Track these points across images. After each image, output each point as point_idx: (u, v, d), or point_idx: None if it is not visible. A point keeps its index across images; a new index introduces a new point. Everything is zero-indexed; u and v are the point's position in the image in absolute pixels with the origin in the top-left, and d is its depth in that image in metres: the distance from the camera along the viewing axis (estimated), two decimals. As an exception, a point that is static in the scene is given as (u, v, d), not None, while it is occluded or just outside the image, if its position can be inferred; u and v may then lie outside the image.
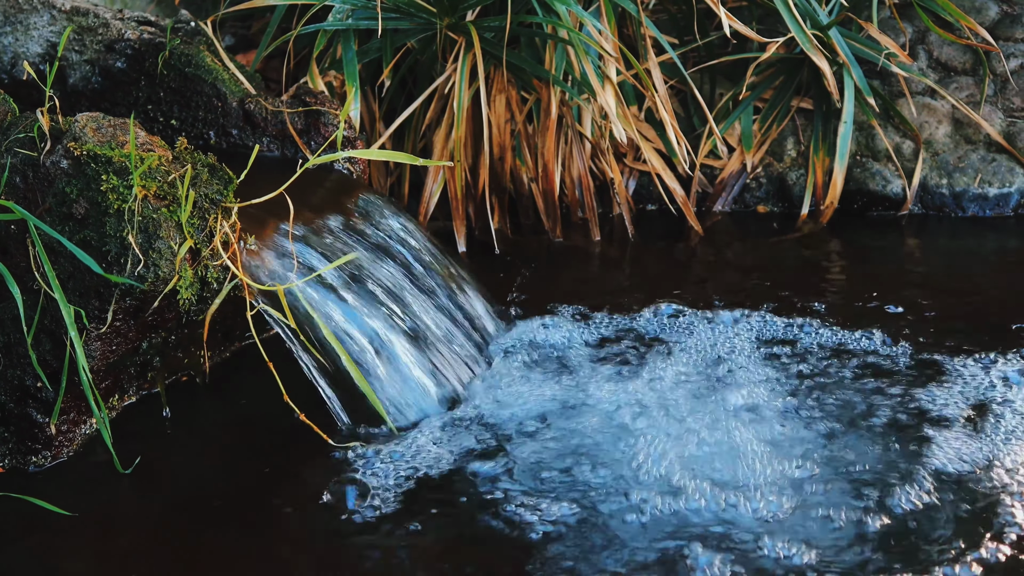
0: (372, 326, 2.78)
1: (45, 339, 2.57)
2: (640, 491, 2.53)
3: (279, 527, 2.52)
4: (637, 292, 3.34)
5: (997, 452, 2.63)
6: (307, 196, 2.92)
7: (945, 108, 3.80)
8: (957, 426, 2.72)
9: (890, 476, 2.56)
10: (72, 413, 2.67)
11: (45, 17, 3.19)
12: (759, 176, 3.82)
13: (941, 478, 2.56)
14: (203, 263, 2.60)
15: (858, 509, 2.47)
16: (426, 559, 2.43)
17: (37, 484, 2.61)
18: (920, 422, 2.74)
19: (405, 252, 2.99)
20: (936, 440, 2.67)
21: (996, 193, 3.72)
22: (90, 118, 2.60)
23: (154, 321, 2.63)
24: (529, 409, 2.81)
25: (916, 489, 2.52)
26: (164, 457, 2.72)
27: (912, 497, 2.50)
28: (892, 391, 2.86)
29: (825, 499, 2.50)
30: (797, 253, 3.59)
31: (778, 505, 2.49)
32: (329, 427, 2.72)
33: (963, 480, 2.56)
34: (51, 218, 2.54)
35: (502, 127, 3.54)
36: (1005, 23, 3.90)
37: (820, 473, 2.58)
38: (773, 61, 3.77)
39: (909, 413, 2.78)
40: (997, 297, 3.30)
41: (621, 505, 2.51)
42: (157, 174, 2.55)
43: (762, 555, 2.37)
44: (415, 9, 3.50)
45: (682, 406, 2.79)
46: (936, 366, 2.95)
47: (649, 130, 3.75)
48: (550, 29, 3.47)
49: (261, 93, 3.21)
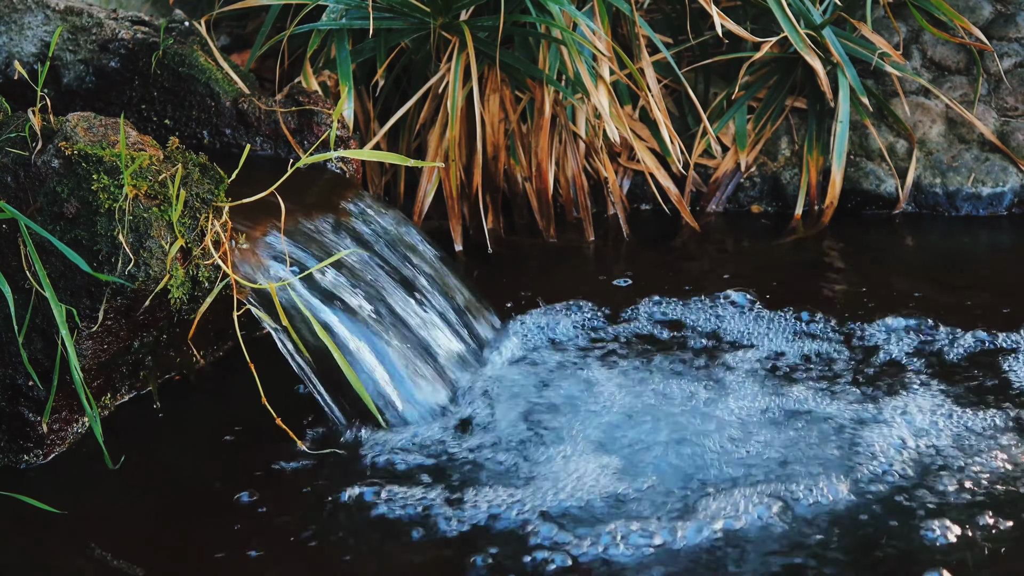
0: (364, 325, 2.79)
1: (37, 338, 2.57)
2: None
3: (270, 526, 2.52)
4: (631, 292, 3.34)
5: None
6: (300, 196, 2.93)
7: (939, 107, 3.80)
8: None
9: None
10: (64, 412, 2.68)
11: (39, 17, 3.20)
12: (753, 175, 3.82)
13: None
14: (194, 262, 2.61)
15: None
16: (416, 558, 2.43)
17: (28, 482, 2.62)
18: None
19: (398, 252, 2.99)
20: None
21: (989, 192, 3.73)
22: (81, 118, 2.61)
23: (145, 320, 2.64)
24: (520, 411, 2.82)
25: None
26: (156, 456, 2.73)
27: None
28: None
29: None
30: (793, 252, 3.60)
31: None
32: (324, 424, 2.73)
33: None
34: (42, 217, 2.54)
35: (496, 126, 3.55)
36: (999, 22, 3.90)
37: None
38: (767, 60, 3.78)
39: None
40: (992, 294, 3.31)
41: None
42: (148, 173, 2.56)
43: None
44: (409, 9, 3.51)
45: (676, 408, 2.80)
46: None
47: (643, 129, 3.75)
48: (543, 29, 3.48)
49: (255, 93, 3.22)
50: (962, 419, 2.75)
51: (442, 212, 3.58)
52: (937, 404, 2.80)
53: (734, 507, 2.47)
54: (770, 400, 2.83)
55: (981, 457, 2.63)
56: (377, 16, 3.50)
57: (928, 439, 2.69)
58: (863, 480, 2.56)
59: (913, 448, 2.65)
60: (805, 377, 2.93)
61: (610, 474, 2.59)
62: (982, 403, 2.82)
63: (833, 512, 2.47)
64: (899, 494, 2.52)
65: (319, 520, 2.51)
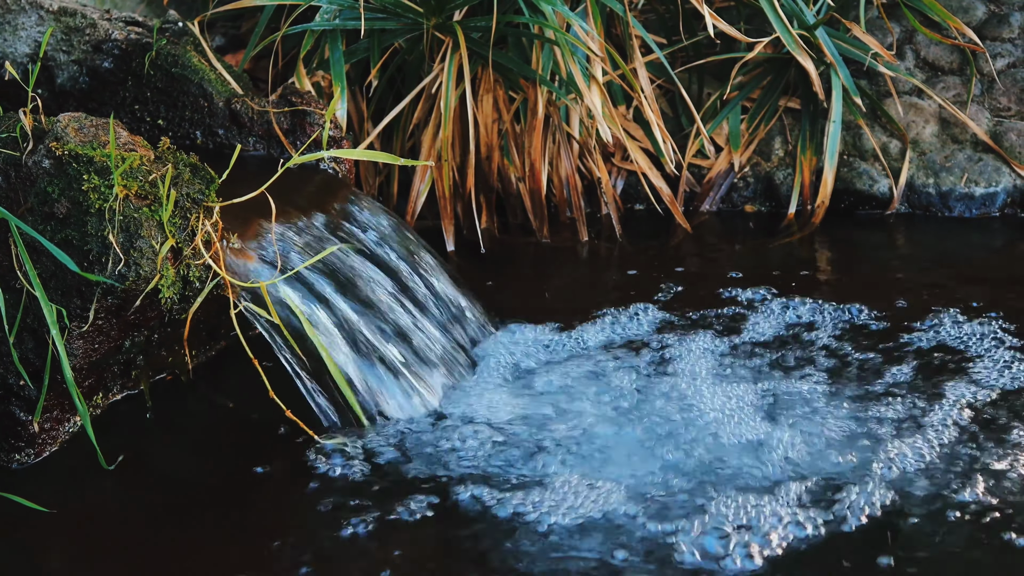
0: (354, 326, 2.80)
1: (28, 337, 2.58)
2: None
3: (260, 524, 2.53)
4: (623, 293, 3.34)
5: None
6: (292, 196, 2.94)
7: (932, 108, 3.81)
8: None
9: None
10: (56, 411, 2.69)
11: (33, 17, 3.21)
12: (747, 175, 3.83)
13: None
14: (185, 262, 2.61)
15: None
16: (403, 554, 2.44)
17: (20, 481, 2.62)
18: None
19: (389, 252, 3.00)
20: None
21: (982, 193, 3.73)
22: (72, 118, 2.61)
23: (136, 320, 2.65)
24: (508, 412, 2.82)
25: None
26: (148, 455, 2.74)
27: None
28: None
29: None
30: (785, 252, 3.60)
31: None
32: (312, 424, 2.74)
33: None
34: (33, 217, 2.55)
35: (489, 127, 3.56)
36: (992, 22, 3.90)
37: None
38: (761, 61, 3.79)
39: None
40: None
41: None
42: (138, 173, 2.57)
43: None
44: (402, 9, 3.52)
45: (671, 412, 2.81)
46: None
47: (637, 130, 3.76)
48: (536, 29, 3.49)
49: (248, 93, 3.22)
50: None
51: (436, 212, 3.59)
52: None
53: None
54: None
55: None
56: (370, 17, 3.51)
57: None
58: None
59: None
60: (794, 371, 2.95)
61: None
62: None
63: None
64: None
65: (312, 517, 2.52)
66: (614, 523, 2.46)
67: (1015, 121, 3.78)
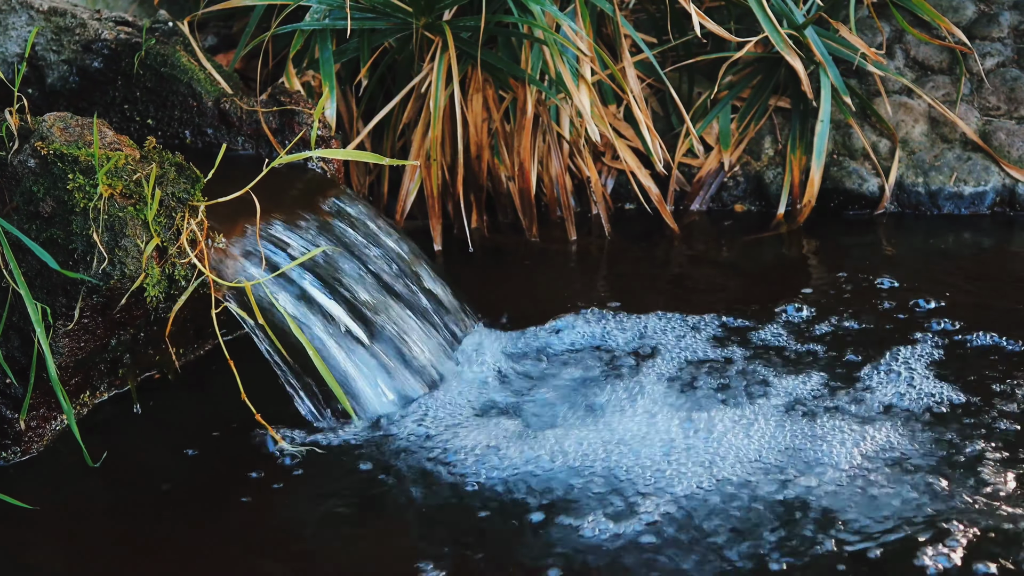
0: (339, 324, 2.80)
1: (13, 336, 2.60)
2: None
3: (247, 521, 2.54)
4: (612, 292, 3.35)
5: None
6: (280, 195, 2.95)
7: (921, 107, 3.81)
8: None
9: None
10: (42, 409, 2.70)
11: (23, 17, 3.22)
12: (737, 175, 3.84)
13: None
14: (170, 261, 2.63)
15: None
16: (386, 548, 2.46)
17: (6, 479, 2.64)
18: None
19: (376, 251, 3.01)
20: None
21: (971, 191, 3.74)
22: (57, 118, 2.63)
23: (122, 318, 2.66)
24: (493, 412, 2.84)
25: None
26: (134, 453, 2.75)
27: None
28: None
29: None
30: (774, 251, 3.61)
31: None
32: (297, 421, 2.75)
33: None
34: (18, 216, 2.57)
35: (479, 126, 3.57)
36: (982, 22, 3.91)
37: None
38: (751, 60, 3.79)
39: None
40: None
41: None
42: (123, 173, 2.58)
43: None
44: (391, 9, 3.53)
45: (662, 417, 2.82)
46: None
47: (627, 129, 3.77)
48: (525, 29, 3.50)
49: (237, 93, 3.23)
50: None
51: (425, 212, 3.60)
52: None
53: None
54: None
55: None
56: (360, 16, 3.52)
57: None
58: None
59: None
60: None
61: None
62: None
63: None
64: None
65: (299, 514, 2.53)
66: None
67: (1004, 120, 3.78)
